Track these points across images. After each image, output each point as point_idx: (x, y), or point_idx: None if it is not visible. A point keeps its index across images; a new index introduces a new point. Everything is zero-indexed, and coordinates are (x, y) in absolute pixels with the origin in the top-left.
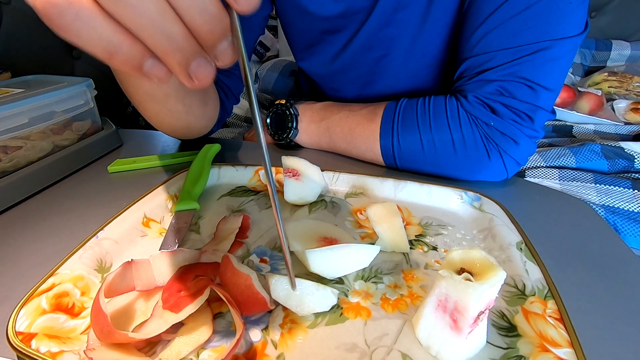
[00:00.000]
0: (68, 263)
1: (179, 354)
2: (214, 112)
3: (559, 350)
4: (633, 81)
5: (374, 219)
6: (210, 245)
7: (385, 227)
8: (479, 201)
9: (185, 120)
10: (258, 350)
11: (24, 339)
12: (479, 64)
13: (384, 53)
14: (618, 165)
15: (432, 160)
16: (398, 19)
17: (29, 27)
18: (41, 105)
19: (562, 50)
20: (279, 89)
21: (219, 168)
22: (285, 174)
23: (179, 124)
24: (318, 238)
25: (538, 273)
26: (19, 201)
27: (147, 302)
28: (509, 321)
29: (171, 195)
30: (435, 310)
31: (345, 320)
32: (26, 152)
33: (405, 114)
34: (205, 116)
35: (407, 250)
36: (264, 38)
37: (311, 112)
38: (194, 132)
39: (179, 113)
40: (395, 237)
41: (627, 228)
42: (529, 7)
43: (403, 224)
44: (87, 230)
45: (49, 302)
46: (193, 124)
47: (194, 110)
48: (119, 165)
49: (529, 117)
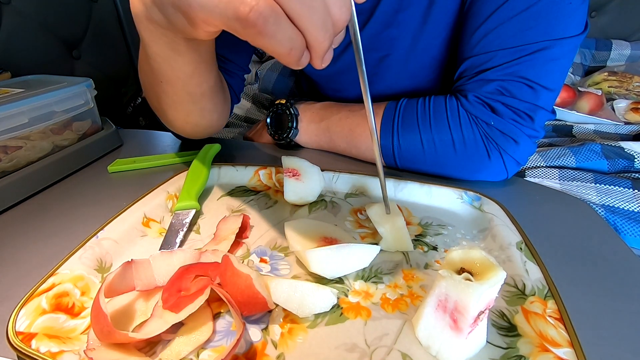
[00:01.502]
0: (68, 263)
1: (179, 354)
2: (229, 109)
3: (559, 350)
4: (633, 81)
5: (375, 219)
6: (210, 245)
7: (387, 227)
8: (479, 201)
9: (210, 118)
10: (258, 350)
11: (24, 339)
12: (479, 64)
13: (385, 53)
14: (618, 165)
15: (432, 160)
16: (399, 19)
17: (29, 27)
18: (41, 105)
19: (562, 51)
20: (279, 89)
21: (219, 168)
22: (285, 174)
23: (203, 123)
24: (318, 238)
25: (538, 273)
26: (19, 201)
27: (147, 302)
28: (509, 321)
29: (171, 195)
30: (435, 310)
31: (345, 320)
32: (26, 152)
33: (405, 113)
34: (224, 113)
35: (411, 248)
36: None
37: (311, 112)
38: (213, 129)
39: (207, 111)
40: (399, 236)
41: (627, 228)
42: (529, 8)
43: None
44: (87, 230)
45: (49, 302)
46: (215, 122)
47: (218, 108)
48: (119, 165)
49: (529, 117)
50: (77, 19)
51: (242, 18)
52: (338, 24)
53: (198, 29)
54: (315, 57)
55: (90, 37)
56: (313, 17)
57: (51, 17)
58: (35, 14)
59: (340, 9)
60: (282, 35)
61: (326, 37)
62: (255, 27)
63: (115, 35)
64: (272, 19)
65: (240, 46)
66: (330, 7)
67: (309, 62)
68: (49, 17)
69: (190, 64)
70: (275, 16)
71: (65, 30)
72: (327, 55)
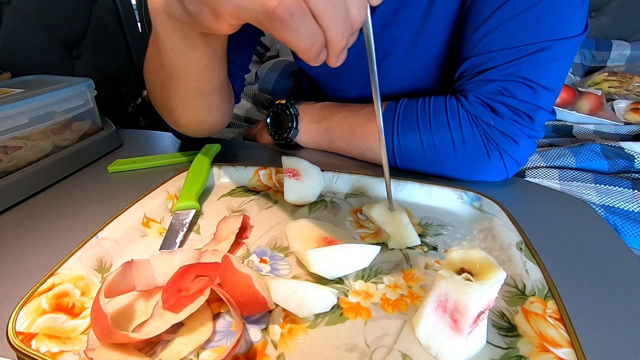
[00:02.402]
0: (68, 263)
1: (179, 354)
2: (232, 107)
3: (559, 350)
4: (633, 81)
5: (381, 220)
6: (210, 245)
7: (395, 226)
8: (479, 201)
9: (216, 115)
10: (258, 350)
11: (24, 339)
12: (480, 64)
13: (386, 53)
14: (618, 165)
15: (432, 160)
16: (399, 19)
17: (29, 27)
18: (41, 105)
19: (562, 51)
20: (279, 89)
21: (219, 168)
22: (285, 174)
23: (210, 120)
24: (318, 238)
25: (538, 273)
26: (19, 201)
27: (147, 302)
28: (509, 321)
29: (171, 195)
30: (435, 311)
31: (345, 320)
32: (26, 152)
33: (405, 113)
34: (229, 111)
35: (418, 242)
36: (264, 38)
37: (311, 112)
38: (218, 127)
39: (215, 108)
40: (406, 233)
41: (627, 228)
42: (529, 8)
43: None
44: (87, 230)
45: (49, 302)
46: (220, 119)
47: (224, 105)
48: (119, 165)
49: (529, 117)
50: (77, 19)
51: (270, 12)
52: (355, 24)
53: (222, 22)
54: (332, 54)
55: (90, 37)
56: (335, 16)
57: (51, 17)
58: (35, 14)
59: (359, 10)
60: (305, 31)
61: (344, 36)
62: (281, 21)
63: (115, 35)
64: (298, 14)
65: (242, 47)
66: (349, 7)
67: (325, 59)
68: (49, 17)
69: (203, 59)
70: (301, 12)
71: (65, 30)
72: (342, 54)
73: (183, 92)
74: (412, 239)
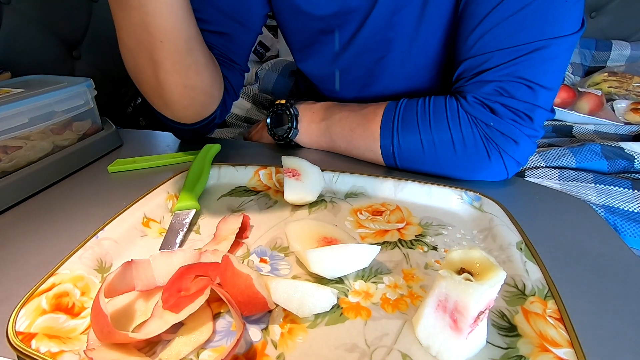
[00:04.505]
0: (68, 263)
1: (179, 354)
2: (222, 83)
3: (559, 350)
4: (633, 81)
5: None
6: (210, 245)
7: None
8: (479, 201)
9: (205, 78)
10: (258, 350)
11: (24, 339)
12: (477, 65)
13: (382, 55)
14: (618, 166)
15: (432, 160)
16: (395, 21)
17: (29, 27)
18: (41, 105)
19: (559, 49)
20: (279, 89)
21: (219, 168)
22: (285, 174)
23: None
24: (318, 238)
25: (538, 273)
26: (19, 201)
27: (147, 302)
28: (509, 321)
29: (171, 195)
30: (435, 310)
31: (345, 320)
32: (26, 152)
33: (405, 114)
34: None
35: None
36: (264, 38)
37: (311, 112)
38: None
39: (202, 66)
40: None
41: (627, 228)
42: (524, 7)
43: None
44: (87, 230)
45: (49, 302)
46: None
47: (210, 67)
48: (119, 165)
49: (528, 117)
50: (77, 19)
51: None
52: None
53: None
54: None
55: (90, 37)
56: None
57: (51, 17)
58: (35, 14)
59: None
60: None
61: None
62: None
63: (115, 35)
64: None
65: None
66: None
67: None
68: (49, 17)
69: (181, 7)
70: None
71: (65, 30)
72: None
73: (173, 53)
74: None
